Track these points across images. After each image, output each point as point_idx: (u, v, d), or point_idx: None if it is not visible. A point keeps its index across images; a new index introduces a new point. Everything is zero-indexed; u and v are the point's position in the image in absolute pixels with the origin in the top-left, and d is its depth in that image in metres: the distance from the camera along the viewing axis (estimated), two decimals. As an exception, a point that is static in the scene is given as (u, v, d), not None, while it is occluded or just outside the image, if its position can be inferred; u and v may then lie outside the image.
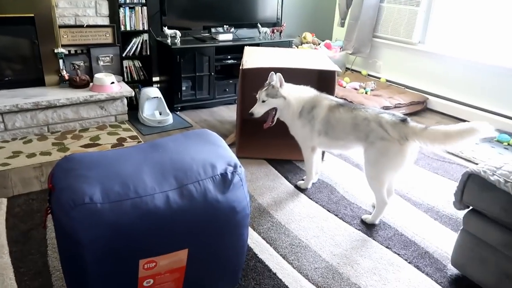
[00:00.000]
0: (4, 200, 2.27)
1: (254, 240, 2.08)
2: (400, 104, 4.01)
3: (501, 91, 3.68)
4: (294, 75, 2.60)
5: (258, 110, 2.39)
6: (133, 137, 3.21)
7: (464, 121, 2.45)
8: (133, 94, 3.50)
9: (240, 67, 2.81)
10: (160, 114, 3.57)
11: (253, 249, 2.02)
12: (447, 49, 4.15)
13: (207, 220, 1.39)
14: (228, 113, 3.91)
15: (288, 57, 3.10)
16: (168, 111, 3.60)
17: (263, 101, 2.38)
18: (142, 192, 1.29)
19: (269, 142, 3.18)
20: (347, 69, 5.24)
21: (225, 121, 3.68)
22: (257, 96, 2.40)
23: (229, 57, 4.00)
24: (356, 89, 4.47)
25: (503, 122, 3.64)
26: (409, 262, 1.98)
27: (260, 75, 2.68)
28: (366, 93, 4.32)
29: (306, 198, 2.50)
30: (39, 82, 3.41)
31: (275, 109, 2.41)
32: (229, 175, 1.45)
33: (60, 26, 3.36)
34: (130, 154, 1.48)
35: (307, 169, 2.57)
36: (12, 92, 3.23)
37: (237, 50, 3.92)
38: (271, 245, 2.06)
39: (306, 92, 2.41)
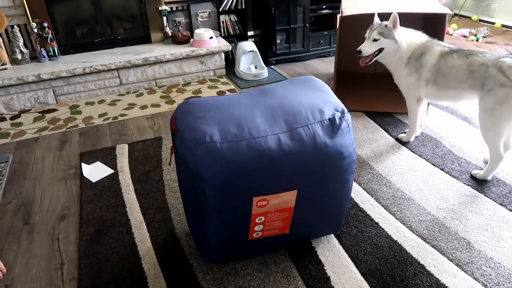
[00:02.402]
0: (126, 146, 2.55)
1: (355, 190, 2.08)
2: (519, 51, 3.54)
3: None
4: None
5: (367, 48, 2.25)
6: (231, 91, 3.33)
7: None
8: (230, 48, 3.59)
9: (340, 14, 2.69)
10: (256, 68, 3.63)
11: (354, 199, 2.02)
12: None
13: (316, 163, 1.42)
14: (323, 66, 3.82)
15: (389, 1, 2.88)
16: (263, 64, 3.64)
17: (374, 40, 2.22)
18: (255, 134, 1.35)
19: (366, 94, 3.07)
20: (454, 15, 4.73)
21: (319, 74, 3.61)
22: (366, 34, 2.28)
23: (324, 6, 3.85)
24: (465, 36, 4.04)
25: None
26: (528, 221, 1.83)
27: (361, 22, 2.55)
28: (477, 40, 3.88)
29: (409, 151, 2.40)
30: (146, 39, 3.66)
31: (379, 49, 2.29)
32: (337, 120, 1.45)
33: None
34: (241, 98, 1.55)
35: (411, 121, 2.44)
36: (124, 50, 3.52)
37: (333, -1, 3.78)
38: (372, 196, 2.04)
39: (418, 37, 2.24)
